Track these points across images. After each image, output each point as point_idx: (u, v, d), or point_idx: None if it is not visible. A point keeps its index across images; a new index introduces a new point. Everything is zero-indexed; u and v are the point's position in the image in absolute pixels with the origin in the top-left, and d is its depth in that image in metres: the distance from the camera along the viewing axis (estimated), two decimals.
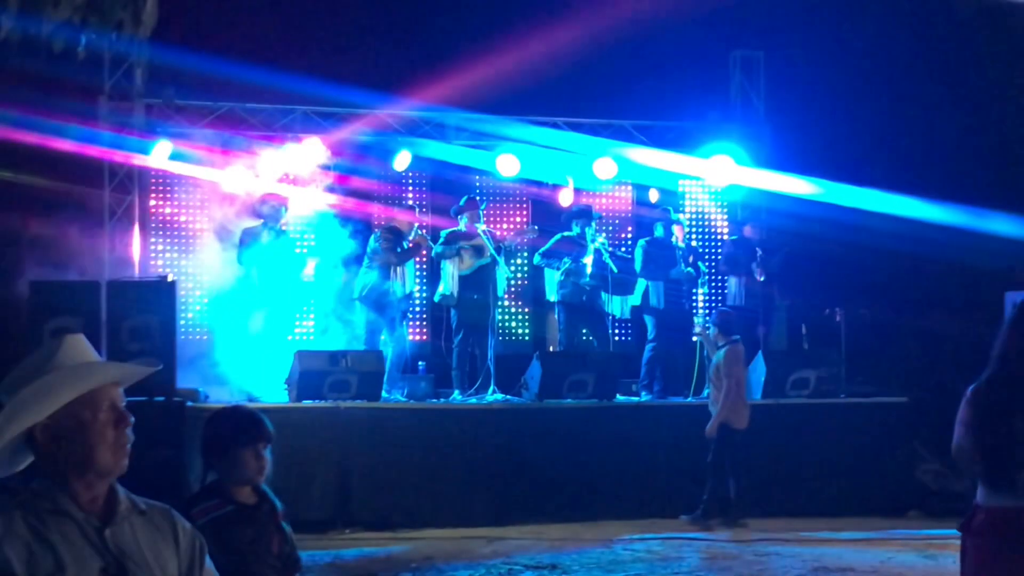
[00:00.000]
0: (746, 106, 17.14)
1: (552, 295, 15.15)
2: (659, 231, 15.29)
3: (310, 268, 14.31)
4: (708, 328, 13.13)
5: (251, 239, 13.83)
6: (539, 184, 16.48)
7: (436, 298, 14.72)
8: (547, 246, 14.94)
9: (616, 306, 15.10)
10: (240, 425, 4.67)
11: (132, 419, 3.16)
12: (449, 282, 14.31)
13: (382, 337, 14.10)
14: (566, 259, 14.74)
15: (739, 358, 12.52)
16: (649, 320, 14.99)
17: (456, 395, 14.11)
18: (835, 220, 14.67)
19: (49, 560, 2.93)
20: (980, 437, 5.21)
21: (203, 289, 15.15)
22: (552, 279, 15.03)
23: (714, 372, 12.52)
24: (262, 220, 14.00)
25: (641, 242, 15.30)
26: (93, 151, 14.46)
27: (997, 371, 5.25)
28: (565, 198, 16.13)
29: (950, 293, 14.55)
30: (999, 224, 13.87)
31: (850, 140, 16.01)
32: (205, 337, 14.77)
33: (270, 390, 13.28)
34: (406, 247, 14.31)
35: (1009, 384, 5.19)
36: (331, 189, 15.49)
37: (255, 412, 4.77)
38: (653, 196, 16.05)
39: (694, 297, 16.04)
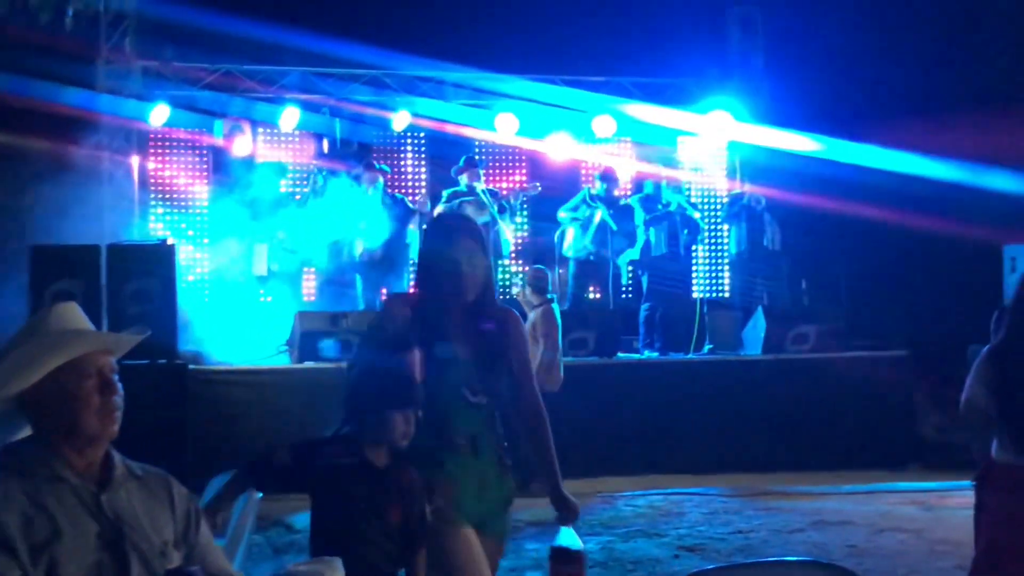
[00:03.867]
0: (744, 62, 17.01)
1: (569, 251, 15.14)
2: (649, 188, 15.30)
3: (261, 261, 14.26)
4: (524, 287, 12.87)
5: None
6: (538, 142, 16.44)
7: None
8: (572, 202, 15.00)
9: (620, 261, 15.04)
10: (395, 387, 4.49)
11: (120, 387, 3.17)
12: None
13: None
14: (585, 211, 14.79)
15: (553, 318, 12.12)
16: (644, 278, 14.96)
17: None
18: (835, 176, 14.62)
19: (46, 526, 2.96)
20: (1005, 400, 5.17)
21: (202, 252, 15.18)
22: (578, 236, 15.01)
23: (529, 332, 12.19)
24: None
25: (634, 197, 15.37)
26: (91, 115, 14.42)
27: (1018, 331, 5.19)
28: (561, 154, 16.17)
29: (950, 247, 14.49)
30: (997, 180, 13.86)
31: (850, 95, 15.91)
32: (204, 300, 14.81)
33: (268, 352, 13.28)
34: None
35: None
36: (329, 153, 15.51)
37: (410, 375, 4.57)
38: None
39: (694, 252, 15.87)
